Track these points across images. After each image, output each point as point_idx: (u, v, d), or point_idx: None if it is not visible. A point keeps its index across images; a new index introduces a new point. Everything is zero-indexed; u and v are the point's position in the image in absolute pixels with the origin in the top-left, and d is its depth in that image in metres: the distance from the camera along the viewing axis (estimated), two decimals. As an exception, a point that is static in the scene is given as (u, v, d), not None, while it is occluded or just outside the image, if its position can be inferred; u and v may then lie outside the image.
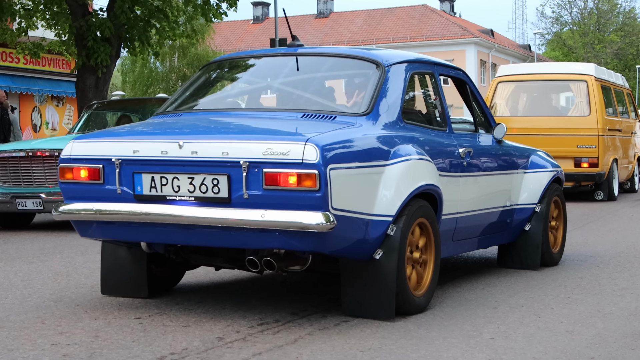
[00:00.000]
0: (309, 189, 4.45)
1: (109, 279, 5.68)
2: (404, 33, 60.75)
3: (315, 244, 4.58)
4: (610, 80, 15.95)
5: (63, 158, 5.10)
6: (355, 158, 4.77)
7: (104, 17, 16.93)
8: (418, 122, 5.72)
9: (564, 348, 4.28)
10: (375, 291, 4.91)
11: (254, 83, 6.27)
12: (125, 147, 4.92)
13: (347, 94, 5.78)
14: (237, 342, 4.39)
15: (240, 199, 4.60)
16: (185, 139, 4.79)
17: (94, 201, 5.00)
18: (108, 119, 12.96)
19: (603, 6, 69.33)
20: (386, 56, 5.65)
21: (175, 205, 4.77)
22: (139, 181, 4.85)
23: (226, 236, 4.72)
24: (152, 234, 4.95)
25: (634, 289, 5.94)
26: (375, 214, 4.83)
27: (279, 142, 4.56)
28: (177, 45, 44.75)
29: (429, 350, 4.25)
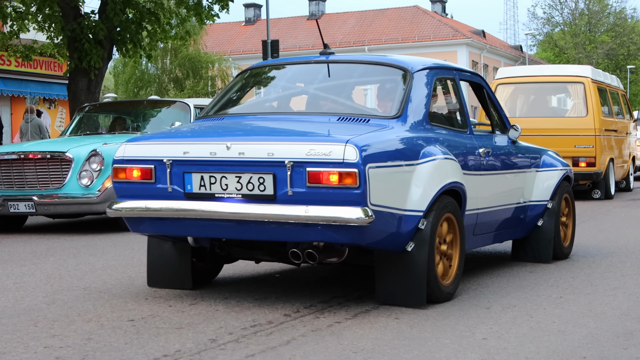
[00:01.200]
0: (350, 186, 4.82)
1: (155, 272, 6.04)
2: (395, 34, 60.79)
3: (355, 237, 4.95)
4: (606, 82, 16.15)
5: (117, 159, 5.45)
6: (389, 158, 5.13)
7: (96, 19, 16.91)
8: (442, 123, 6.08)
9: (556, 348, 4.29)
10: (408, 281, 5.27)
11: (289, 88, 6.59)
12: (176, 148, 5.28)
13: (378, 98, 6.14)
14: (230, 344, 4.39)
15: (285, 196, 4.96)
16: (232, 140, 5.15)
17: (146, 199, 5.36)
18: (100, 121, 12.94)
19: (594, 7, 69.48)
20: (413, 63, 6.02)
21: (224, 202, 5.13)
22: (189, 180, 5.22)
23: (271, 230, 5.10)
24: (201, 229, 5.33)
25: (625, 289, 5.95)
26: (408, 209, 5.20)
27: (322, 143, 4.94)
28: (169, 47, 44.71)
29: (422, 350, 4.25)
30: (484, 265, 7.07)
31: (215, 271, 6.33)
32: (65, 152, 9.99)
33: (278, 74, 6.80)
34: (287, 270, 6.87)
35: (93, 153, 9.94)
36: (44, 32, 18.00)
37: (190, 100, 11.90)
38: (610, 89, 16.34)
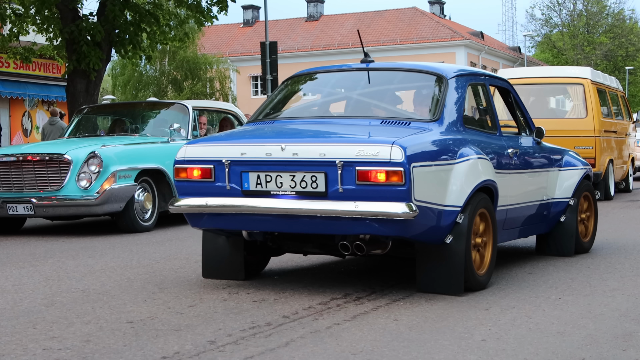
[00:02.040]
0: (396, 184, 5.29)
1: (209, 264, 6.48)
2: (394, 36, 60.79)
3: (400, 230, 5.42)
4: (605, 84, 16.20)
5: (178, 160, 5.95)
6: (430, 157, 5.59)
7: (94, 21, 16.89)
8: (474, 126, 6.57)
9: (555, 349, 4.29)
10: (446, 270, 5.73)
11: (334, 94, 7.13)
12: (234, 150, 5.76)
13: (417, 103, 6.55)
14: (229, 346, 4.39)
15: (336, 193, 5.43)
16: (286, 142, 5.63)
17: (205, 196, 5.84)
18: (99, 123, 12.95)
19: (592, 8, 69.48)
20: (447, 69, 6.49)
21: (279, 199, 5.61)
22: (246, 179, 5.70)
23: (322, 224, 5.55)
24: (257, 223, 5.79)
25: (624, 290, 5.95)
26: (447, 205, 5.65)
27: (370, 144, 5.40)
28: (167, 49, 44.68)
29: (421, 352, 4.25)
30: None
31: (263, 264, 6.79)
32: (64, 154, 9.98)
33: (322, 81, 7.24)
34: (285, 272, 6.87)
35: (92, 155, 9.93)
36: (43, 34, 17.98)
37: (189, 102, 11.90)
38: (609, 90, 16.39)
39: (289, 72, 39.60)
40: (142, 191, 10.40)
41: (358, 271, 6.87)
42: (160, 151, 10.76)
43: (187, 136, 11.28)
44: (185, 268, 7.18)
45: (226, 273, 6.44)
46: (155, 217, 10.58)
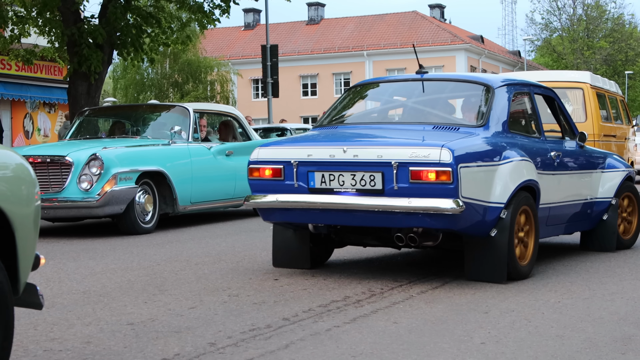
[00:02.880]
0: (445, 182, 5.89)
1: (279, 254, 7.13)
2: (394, 39, 60.82)
3: (448, 223, 6.04)
4: (604, 88, 16.19)
5: (252, 161, 6.63)
6: (476, 159, 6.18)
7: (96, 23, 16.89)
8: (519, 131, 7.12)
9: (554, 352, 4.29)
10: (491, 261, 6.32)
11: (391, 102, 7.86)
12: (301, 152, 6.44)
13: (466, 110, 7.21)
14: (229, 348, 4.39)
15: (392, 190, 6.06)
16: (348, 145, 6.29)
17: (276, 193, 6.50)
18: (100, 126, 12.95)
19: (592, 13, 69.53)
20: (494, 80, 7.10)
21: (341, 195, 6.27)
22: (312, 177, 6.37)
23: (380, 218, 6.22)
24: (322, 217, 6.47)
25: (623, 294, 5.95)
26: (492, 202, 6.22)
27: (422, 147, 6.02)
28: (169, 52, 44.69)
29: (420, 355, 4.25)
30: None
31: (327, 255, 7.41)
32: (65, 156, 9.98)
33: (381, 89, 8.07)
34: (285, 275, 6.87)
35: (93, 157, 9.93)
36: (44, 36, 17.98)
37: (190, 105, 11.90)
38: (609, 95, 16.38)
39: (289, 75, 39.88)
40: (143, 193, 10.40)
41: (357, 274, 6.87)
42: (161, 153, 10.76)
43: (188, 139, 11.28)
44: (186, 270, 7.18)
45: (294, 263, 7.09)
46: (156, 219, 10.58)
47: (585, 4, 69.96)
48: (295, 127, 21.27)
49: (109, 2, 16.81)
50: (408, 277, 6.70)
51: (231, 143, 12.28)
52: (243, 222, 11.72)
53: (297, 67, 61.19)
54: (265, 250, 8.41)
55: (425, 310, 5.38)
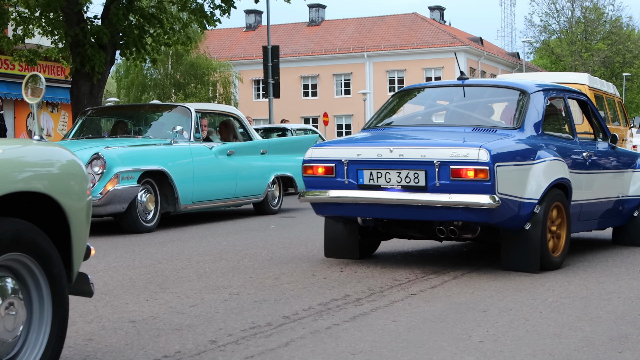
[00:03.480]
0: (482, 180, 6.37)
1: (330, 246, 7.64)
2: (394, 41, 60.82)
3: (486, 217, 6.51)
4: (602, 89, 16.20)
5: (306, 160, 7.18)
6: (512, 158, 6.64)
7: (99, 24, 16.90)
8: (553, 133, 7.57)
9: (552, 351, 4.28)
10: (525, 252, 6.78)
11: (434, 106, 8.35)
12: (351, 151, 6.97)
13: (503, 113, 7.63)
14: (229, 345, 4.39)
15: (434, 187, 6.54)
16: (394, 146, 6.81)
17: (328, 189, 7.03)
18: (102, 125, 12.94)
19: (590, 15, 69.50)
20: (530, 85, 7.59)
21: (388, 191, 6.77)
22: (361, 175, 6.89)
23: (423, 212, 6.70)
24: (370, 211, 6.99)
25: (620, 293, 5.95)
26: (526, 198, 6.66)
27: (461, 147, 6.50)
28: (171, 53, 44.69)
29: (419, 353, 4.25)
30: (480, 269, 7.08)
31: (375, 247, 7.88)
32: (68, 155, 9.95)
33: (424, 94, 8.65)
34: (285, 273, 6.87)
35: (95, 156, 9.92)
36: (48, 36, 17.98)
37: (192, 105, 11.90)
38: (606, 96, 16.38)
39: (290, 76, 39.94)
40: (145, 192, 10.39)
41: (357, 273, 6.87)
42: (163, 153, 10.76)
43: (190, 138, 11.28)
44: (187, 268, 7.18)
45: (344, 253, 7.59)
46: (158, 218, 10.58)
47: (584, 7, 69.95)
48: (296, 127, 21.26)
49: (112, 3, 16.83)
50: (407, 276, 6.70)
51: (232, 143, 12.28)
52: (244, 221, 11.72)
53: (298, 68, 61.19)
54: (265, 249, 8.41)
55: (424, 309, 5.38)
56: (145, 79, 47.68)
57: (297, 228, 10.76)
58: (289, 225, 11.19)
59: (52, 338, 3.49)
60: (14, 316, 3.31)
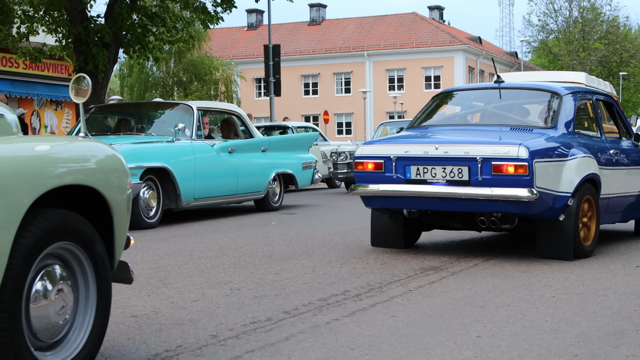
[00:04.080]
0: (522, 175, 6.84)
1: (376, 236, 8.14)
2: (394, 40, 60.80)
3: (524, 209, 6.99)
4: (599, 88, 16.16)
5: (356, 156, 7.68)
6: (548, 155, 7.11)
7: (102, 23, 16.89)
8: (583, 131, 8.01)
9: (548, 346, 4.28)
10: (559, 241, 7.29)
11: (473, 107, 8.79)
12: (399, 149, 7.44)
13: (538, 114, 8.13)
14: (230, 340, 4.39)
15: (477, 181, 7.02)
16: (439, 144, 7.25)
17: (377, 183, 7.49)
18: (106, 123, 12.93)
19: (588, 15, 69.50)
20: (562, 88, 8.10)
21: (433, 185, 7.24)
22: (409, 170, 7.36)
23: (466, 204, 7.17)
24: (417, 203, 7.45)
25: (616, 289, 5.95)
26: (560, 191, 7.17)
27: (502, 145, 6.98)
28: (174, 51, 44.68)
29: (417, 347, 4.25)
30: (478, 265, 7.08)
31: (415, 237, 8.35)
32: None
33: (463, 96, 9.15)
34: (286, 269, 6.87)
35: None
36: (52, 34, 17.97)
37: (193, 103, 11.89)
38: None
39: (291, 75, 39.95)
40: (147, 189, 10.39)
41: (356, 269, 6.87)
42: (165, 150, 10.76)
43: (192, 136, 11.27)
44: (189, 264, 7.18)
45: (389, 243, 8.09)
46: (160, 214, 10.57)
47: (581, 7, 69.94)
48: (297, 125, 21.25)
49: (115, 1, 16.82)
50: (406, 272, 6.70)
51: (233, 140, 12.27)
52: (245, 218, 11.72)
53: (298, 67, 61.18)
54: (266, 245, 8.41)
55: (423, 304, 5.38)
56: (148, 77, 47.67)
57: (297, 225, 10.76)
58: (289, 221, 11.19)
59: (97, 321, 3.70)
60: (63, 301, 3.50)
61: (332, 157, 18.04)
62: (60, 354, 3.53)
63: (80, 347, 3.61)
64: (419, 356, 4.09)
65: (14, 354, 3.20)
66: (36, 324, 3.38)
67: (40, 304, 3.39)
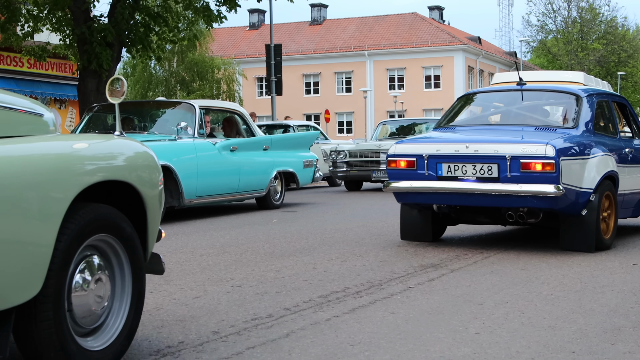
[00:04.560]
0: (549, 172, 7.21)
1: (406, 230, 8.51)
2: (394, 40, 60.78)
3: (550, 204, 7.34)
4: (597, 88, 16.14)
5: (389, 154, 7.98)
6: (572, 154, 7.47)
7: (105, 22, 16.89)
8: (601, 131, 8.38)
9: (546, 343, 4.28)
10: (582, 234, 7.66)
11: (497, 107, 9.10)
12: (431, 147, 7.77)
13: (560, 115, 8.51)
14: (231, 336, 4.39)
15: (505, 178, 7.36)
16: (469, 142, 7.59)
17: (410, 180, 7.82)
18: (109, 121, 12.93)
19: (586, 15, 69.47)
20: (581, 91, 8.47)
21: (464, 182, 7.56)
22: (440, 168, 7.68)
23: (495, 199, 7.51)
24: (448, 199, 7.75)
25: (613, 287, 5.95)
26: (583, 187, 7.53)
27: (530, 144, 7.32)
28: (176, 50, 44.66)
29: (417, 344, 4.25)
30: (477, 263, 7.08)
31: (441, 231, 8.71)
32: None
33: (487, 98, 9.46)
34: (287, 266, 6.87)
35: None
36: (57, 33, 17.97)
37: (196, 101, 11.89)
38: None
39: (293, 74, 39.94)
40: (150, 187, 10.37)
41: (356, 267, 6.87)
42: (167, 148, 10.75)
43: (194, 134, 11.27)
44: (191, 261, 7.18)
45: (417, 236, 8.46)
46: (162, 212, 10.55)
47: (580, 7, 69.92)
48: (298, 124, 21.24)
49: (118, 1, 16.82)
50: (406, 269, 6.70)
51: (235, 139, 12.27)
52: (246, 216, 11.72)
53: (300, 66, 61.17)
54: (267, 243, 8.41)
55: (422, 301, 5.38)
56: (151, 76, 47.64)
57: (298, 222, 10.76)
58: (290, 219, 11.20)
59: (132, 309, 3.87)
60: (101, 290, 3.68)
61: (331, 155, 17.94)
62: (99, 339, 3.70)
63: (117, 332, 3.77)
64: (418, 352, 4.09)
65: (58, 340, 3.35)
66: (77, 312, 3.54)
67: (81, 293, 3.55)
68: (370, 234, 9.25)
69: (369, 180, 17.56)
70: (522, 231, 9.58)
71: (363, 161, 17.37)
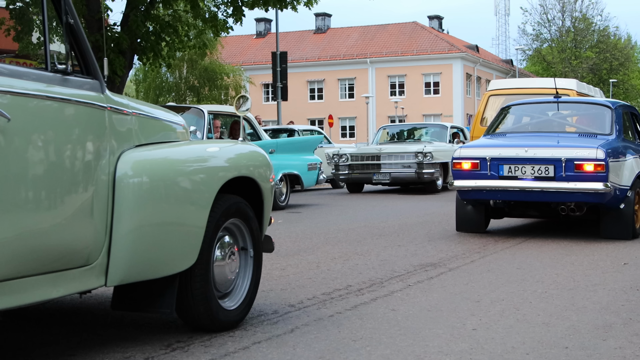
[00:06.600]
0: (599, 172, 8.13)
1: (461, 222, 9.34)
2: (395, 48, 60.75)
3: (598, 199, 8.26)
4: (590, 94, 16.17)
5: (455, 157, 8.85)
6: (615, 156, 8.37)
7: (118, 31, 16.92)
8: (628, 137, 9.41)
9: (540, 338, 4.28)
10: (620, 225, 8.63)
11: (541, 117, 9.89)
12: (493, 151, 8.67)
13: (597, 123, 9.30)
14: (238, 332, 4.39)
15: (560, 177, 8.28)
16: (528, 147, 8.51)
17: (473, 179, 8.66)
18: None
19: (580, 25, 69.37)
20: (613, 103, 9.47)
21: (523, 180, 8.46)
22: (501, 168, 8.57)
23: (550, 195, 8.39)
24: (507, 195, 8.65)
25: (605, 285, 5.94)
26: (622, 185, 8.48)
27: (583, 148, 8.30)
28: (186, 58, 44.67)
29: (416, 340, 4.25)
30: (475, 262, 7.07)
31: (487, 224, 9.45)
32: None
33: (527, 109, 10.29)
34: (291, 265, 6.87)
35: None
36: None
37: (204, 106, 11.90)
38: None
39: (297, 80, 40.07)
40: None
41: (358, 266, 6.87)
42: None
43: (203, 138, 11.27)
44: (199, 260, 7.17)
45: (472, 228, 9.31)
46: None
47: (574, 17, 69.81)
48: (302, 128, 21.24)
49: (131, 11, 16.84)
50: (406, 268, 6.70)
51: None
52: (253, 216, 11.70)
53: (304, 73, 61.16)
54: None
55: (422, 298, 5.38)
56: (162, 82, 47.65)
57: (303, 223, 10.76)
58: (295, 220, 11.19)
59: (253, 277, 4.63)
60: (233, 262, 4.47)
61: (333, 159, 17.88)
62: (231, 300, 4.47)
63: (243, 295, 4.53)
64: (418, 348, 4.08)
65: (205, 300, 4.15)
66: (217, 279, 4.31)
67: (220, 264, 4.34)
68: (372, 234, 9.25)
69: (370, 182, 17.54)
70: (519, 231, 9.57)
71: (364, 164, 17.36)
